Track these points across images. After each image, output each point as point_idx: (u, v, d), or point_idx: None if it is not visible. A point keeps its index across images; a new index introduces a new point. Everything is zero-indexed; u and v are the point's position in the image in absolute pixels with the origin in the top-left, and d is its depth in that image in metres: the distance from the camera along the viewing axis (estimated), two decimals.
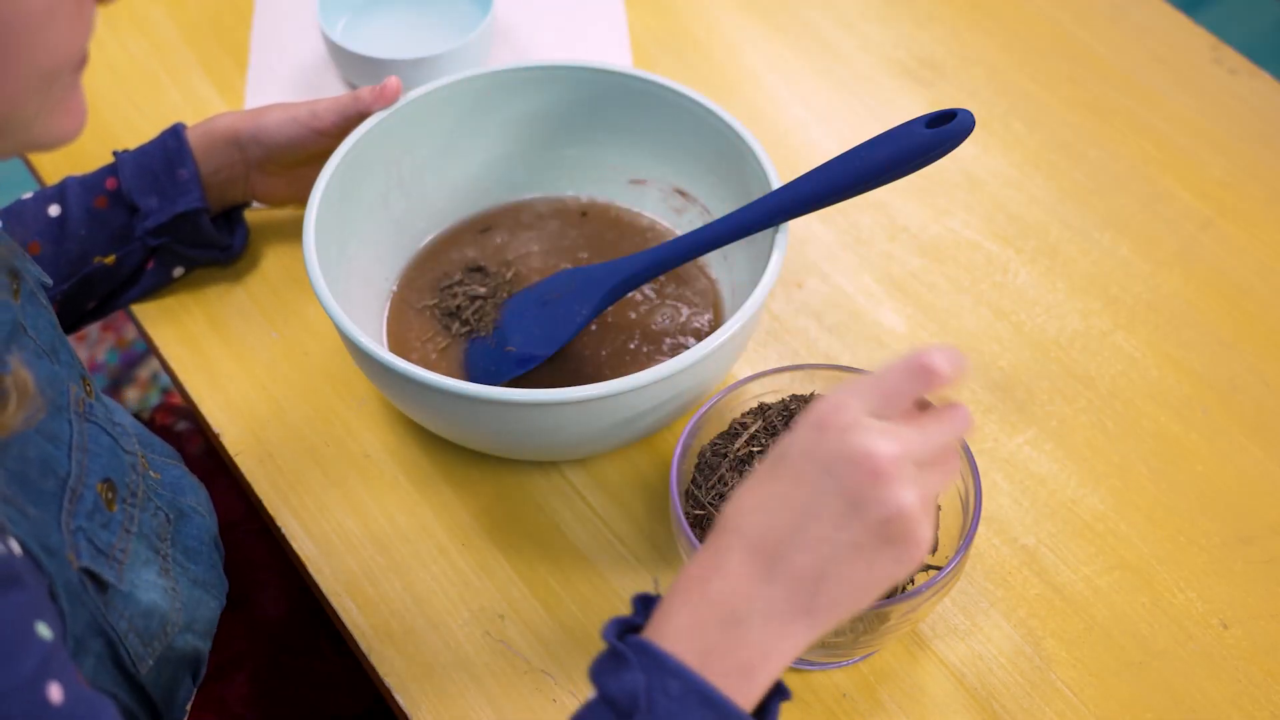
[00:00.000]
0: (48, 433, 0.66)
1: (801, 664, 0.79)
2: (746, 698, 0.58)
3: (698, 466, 0.80)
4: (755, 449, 0.79)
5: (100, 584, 0.67)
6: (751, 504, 0.59)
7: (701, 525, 0.77)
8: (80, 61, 0.57)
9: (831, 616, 0.58)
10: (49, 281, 0.76)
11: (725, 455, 0.79)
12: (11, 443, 0.60)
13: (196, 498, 0.82)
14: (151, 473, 0.77)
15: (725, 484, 0.78)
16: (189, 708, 0.80)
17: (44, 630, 0.54)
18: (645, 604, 0.62)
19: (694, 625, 0.58)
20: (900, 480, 0.57)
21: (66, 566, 0.64)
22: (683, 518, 0.75)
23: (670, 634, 0.58)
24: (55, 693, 0.53)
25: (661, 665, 0.57)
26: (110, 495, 0.70)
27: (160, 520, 0.76)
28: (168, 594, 0.73)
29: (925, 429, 0.59)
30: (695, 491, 0.78)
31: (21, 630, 0.52)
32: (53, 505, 0.64)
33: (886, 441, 0.57)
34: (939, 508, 0.79)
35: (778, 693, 0.60)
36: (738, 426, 0.80)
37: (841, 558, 0.57)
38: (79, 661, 0.66)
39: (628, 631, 0.60)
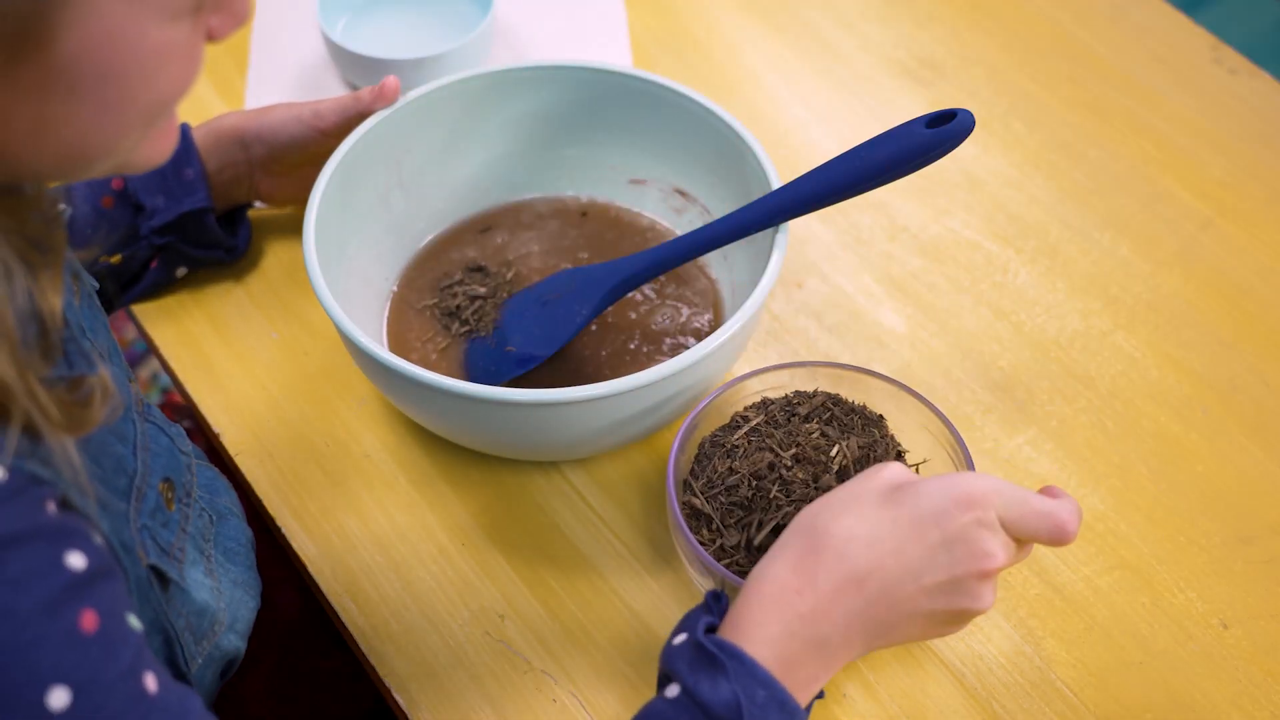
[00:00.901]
0: (118, 432, 0.67)
1: None
2: (807, 701, 0.64)
3: (696, 458, 0.80)
4: (753, 439, 0.79)
5: (164, 581, 0.68)
6: (862, 535, 0.63)
7: (697, 516, 0.77)
8: (183, 96, 0.58)
9: (879, 648, 0.66)
10: (96, 285, 0.76)
11: (723, 446, 0.79)
12: (90, 440, 0.61)
13: (230, 498, 0.82)
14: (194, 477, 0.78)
15: (718, 473, 0.78)
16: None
17: (134, 622, 0.55)
18: (718, 600, 0.66)
19: (782, 637, 0.62)
20: (993, 585, 0.64)
21: (138, 563, 0.65)
22: (678, 509, 0.75)
23: (759, 641, 0.62)
24: (151, 682, 0.54)
25: (753, 675, 0.61)
26: (170, 494, 0.71)
27: (204, 521, 0.77)
28: (214, 593, 0.74)
29: (1024, 551, 0.66)
30: (692, 482, 0.79)
31: (120, 620, 0.53)
32: (124, 503, 0.65)
33: (1004, 553, 0.63)
34: None
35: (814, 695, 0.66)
36: (739, 420, 0.80)
37: (917, 618, 0.64)
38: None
39: (708, 630, 0.64)
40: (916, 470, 0.81)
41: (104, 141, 0.54)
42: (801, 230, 1.01)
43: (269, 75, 1.11)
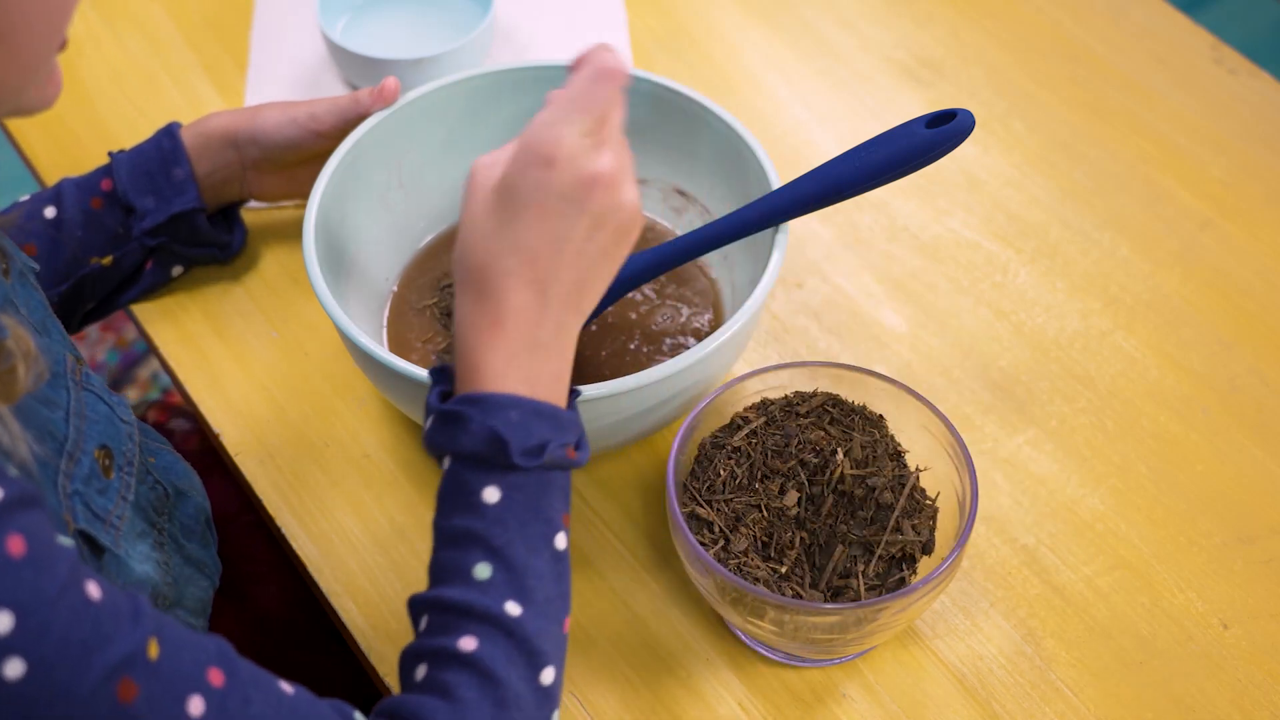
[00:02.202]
0: (44, 398, 0.67)
1: (797, 661, 0.79)
2: (563, 397, 0.68)
3: (696, 459, 0.80)
4: (753, 441, 0.79)
5: (96, 548, 0.68)
6: (505, 245, 0.66)
7: (698, 518, 0.77)
8: (60, 46, 0.61)
9: (594, 304, 0.69)
10: (36, 267, 0.77)
11: (723, 447, 0.79)
12: (15, 406, 0.61)
13: (190, 482, 0.82)
14: (148, 456, 0.78)
15: (720, 475, 0.78)
16: None
17: (65, 540, 0.55)
18: (442, 372, 0.69)
19: (506, 361, 0.66)
20: (622, 184, 0.67)
21: (64, 528, 0.65)
22: (678, 510, 0.75)
23: (489, 378, 0.65)
24: (93, 589, 0.54)
25: (497, 404, 0.64)
26: (107, 462, 0.71)
27: (159, 494, 0.77)
28: (160, 567, 0.74)
29: (612, 124, 0.67)
30: (692, 484, 0.79)
31: (48, 540, 0.54)
32: (49, 468, 0.66)
33: (606, 157, 0.66)
34: (923, 490, 0.79)
35: (572, 393, 0.70)
36: (739, 420, 0.80)
37: (595, 262, 0.67)
38: None
39: (443, 397, 0.67)
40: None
41: None
42: (801, 230, 1.01)
43: (269, 75, 1.11)
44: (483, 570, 0.64)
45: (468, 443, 0.64)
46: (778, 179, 0.85)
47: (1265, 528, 0.85)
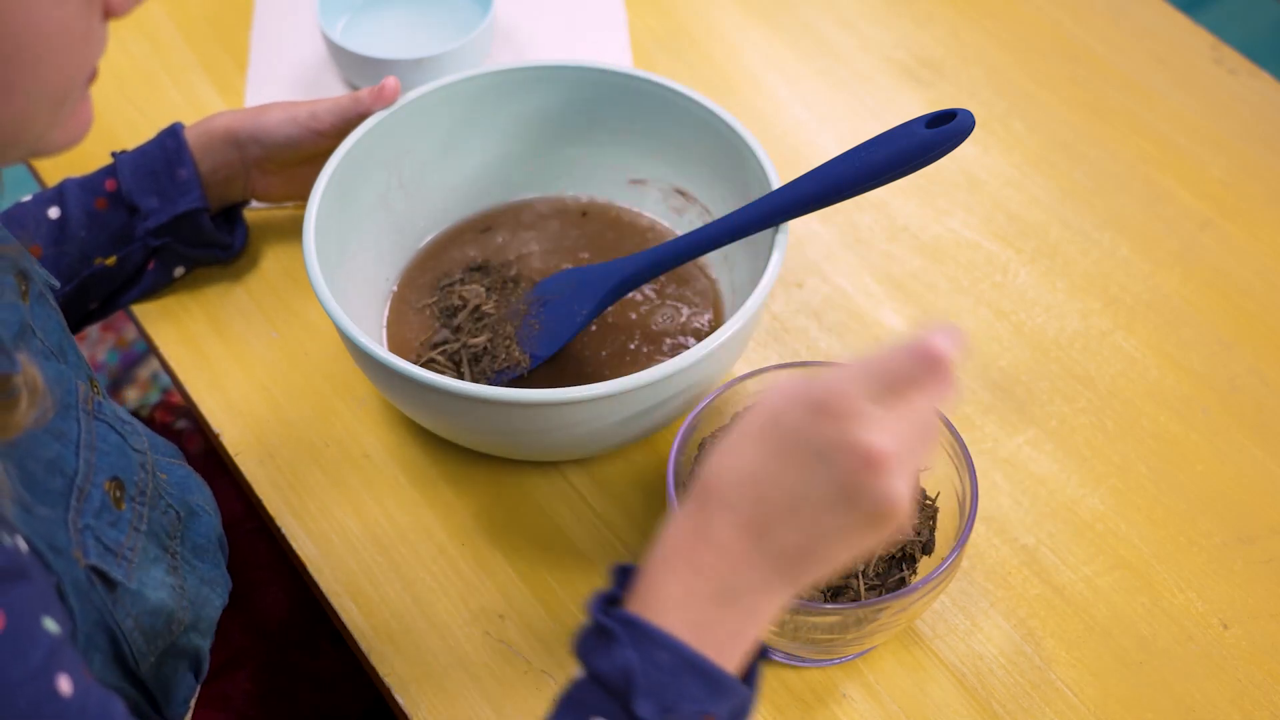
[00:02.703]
0: (55, 431, 0.66)
1: (797, 661, 0.79)
2: (735, 662, 0.59)
3: (696, 459, 0.80)
4: None
5: (109, 582, 0.67)
6: (738, 476, 0.58)
7: None
8: (90, 78, 0.58)
9: (812, 583, 0.60)
10: (56, 284, 0.76)
11: None
12: (19, 441, 0.61)
13: (203, 496, 0.81)
14: (159, 473, 0.77)
15: None
16: (193, 704, 0.80)
17: (51, 624, 0.54)
18: (624, 574, 0.61)
19: (685, 597, 0.58)
20: (892, 472, 0.56)
21: (74, 565, 0.64)
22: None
23: (660, 606, 0.58)
24: (64, 684, 0.53)
25: (651, 639, 0.57)
26: (119, 494, 0.69)
27: (171, 518, 0.76)
28: (175, 592, 0.73)
29: (915, 409, 0.58)
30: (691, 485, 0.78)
31: (29, 623, 0.53)
32: (60, 504, 0.64)
33: (884, 436, 0.56)
34: (923, 490, 0.79)
35: (760, 653, 0.61)
36: (736, 419, 0.80)
37: (829, 539, 0.58)
38: (87, 658, 0.66)
39: (610, 605, 0.60)
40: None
41: (9, 125, 0.54)
42: (801, 230, 1.01)
43: (269, 75, 1.11)
44: None
45: (603, 665, 0.57)
46: (778, 179, 0.85)
47: (1265, 528, 0.85)
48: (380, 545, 0.85)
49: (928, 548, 0.77)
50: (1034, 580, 0.83)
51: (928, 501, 0.79)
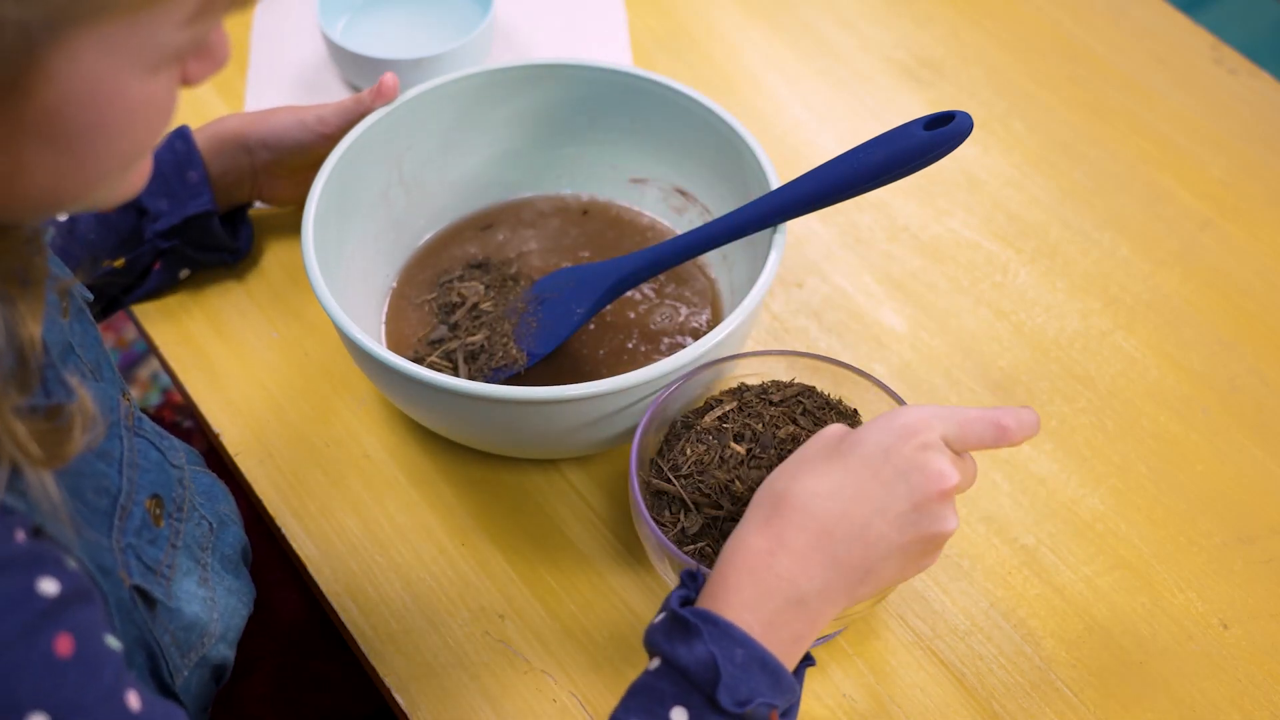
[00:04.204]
0: (100, 451, 0.66)
1: None
2: (793, 663, 0.64)
3: (665, 438, 0.80)
4: (726, 425, 0.79)
5: (149, 601, 0.67)
6: (823, 489, 0.65)
7: (661, 494, 0.77)
8: (158, 142, 0.57)
9: (865, 597, 0.66)
10: (89, 296, 0.76)
11: (693, 428, 0.79)
12: (71, 462, 0.61)
13: (229, 505, 0.81)
14: (192, 484, 0.77)
15: (686, 455, 0.78)
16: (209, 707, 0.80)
17: (114, 642, 0.55)
18: (693, 577, 0.67)
19: (759, 599, 0.63)
20: (952, 505, 0.65)
21: (119, 585, 0.64)
22: (639, 492, 0.75)
23: (736, 606, 0.63)
24: (134, 701, 0.54)
25: (729, 635, 0.62)
26: (158, 511, 0.69)
27: (204, 530, 0.76)
28: (207, 604, 0.73)
29: (982, 444, 0.66)
30: (658, 461, 0.79)
31: (97, 642, 0.53)
32: (105, 524, 0.64)
33: (955, 469, 0.65)
34: None
35: (805, 658, 0.67)
36: (712, 402, 0.81)
37: (891, 556, 0.65)
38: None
39: (684, 603, 0.65)
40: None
41: (78, 188, 0.54)
42: (801, 230, 1.01)
43: (269, 76, 1.11)
44: None
45: (685, 657, 0.62)
46: (777, 179, 0.85)
47: (1265, 528, 0.85)
48: (380, 545, 0.85)
49: None
50: (1034, 580, 0.83)
51: None
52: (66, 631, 0.51)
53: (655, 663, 0.63)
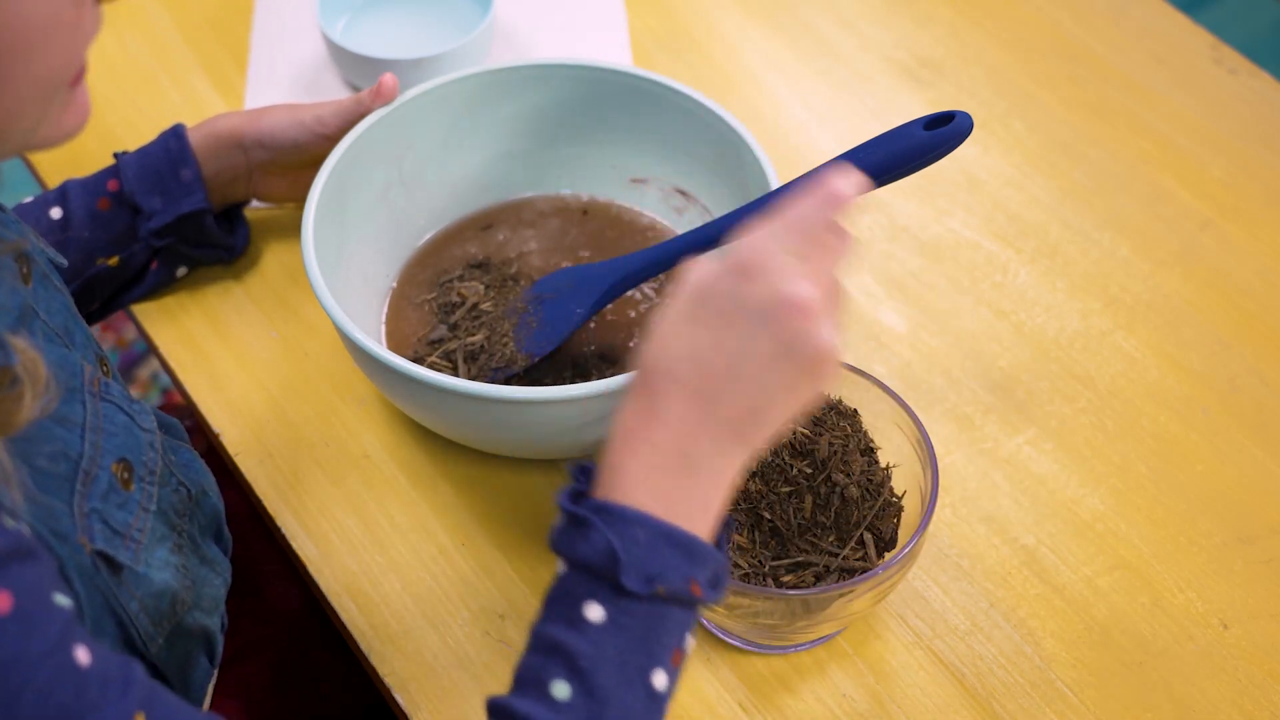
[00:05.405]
0: (58, 416, 0.65)
1: (754, 647, 0.79)
2: (706, 530, 0.61)
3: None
4: None
5: (114, 566, 0.67)
6: (680, 350, 0.61)
7: None
8: (80, 71, 0.57)
9: (764, 440, 0.62)
10: (63, 262, 0.75)
11: None
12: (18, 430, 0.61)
13: (207, 480, 0.81)
14: (170, 454, 0.77)
15: None
16: (211, 688, 0.80)
17: (62, 599, 0.54)
18: (584, 472, 0.63)
19: (648, 473, 0.60)
20: (821, 319, 0.60)
21: (79, 550, 0.64)
22: None
23: (625, 487, 0.60)
24: (83, 655, 0.53)
25: (624, 518, 0.59)
26: (127, 475, 0.69)
27: (182, 496, 0.75)
28: (179, 572, 0.73)
29: (822, 242, 0.61)
30: None
31: (40, 599, 0.53)
32: (64, 489, 0.64)
33: (810, 284, 0.60)
34: (891, 489, 0.80)
35: (726, 524, 0.64)
36: None
37: (773, 393, 0.61)
38: (97, 642, 0.66)
39: (577, 498, 0.62)
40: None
41: None
42: None
43: (269, 75, 1.11)
44: (561, 689, 0.59)
45: (584, 552, 0.59)
46: (777, 179, 0.85)
47: (1265, 528, 0.85)
48: (380, 545, 0.85)
49: (890, 544, 0.78)
50: (1034, 580, 0.83)
51: (894, 499, 0.79)
52: (4, 589, 0.51)
53: (561, 565, 0.61)
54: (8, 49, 0.51)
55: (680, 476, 0.61)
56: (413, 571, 0.83)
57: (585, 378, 0.88)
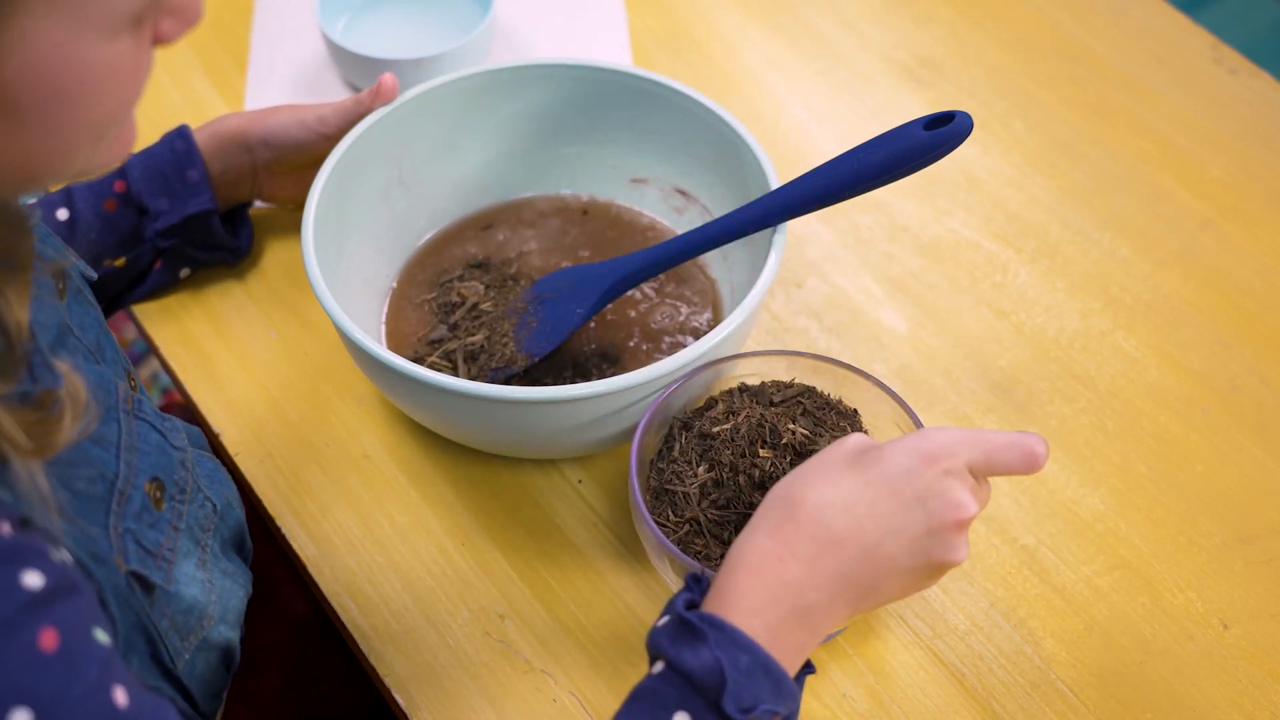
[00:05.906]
0: (95, 436, 0.65)
1: None
2: (794, 670, 0.64)
3: (665, 438, 0.80)
4: (720, 427, 0.79)
5: (147, 586, 0.66)
6: (837, 501, 0.64)
7: (661, 494, 0.78)
8: (135, 103, 0.57)
9: (864, 612, 0.66)
10: (93, 275, 0.75)
11: (693, 428, 0.79)
12: (58, 452, 0.60)
13: (230, 491, 0.81)
14: (196, 467, 0.76)
15: (685, 456, 0.78)
16: (225, 696, 0.80)
17: (101, 636, 0.54)
18: (698, 581, 0.66)
19: (766, 605, 0.62)
20: (966, 535, 0.65)
21: (115, 572, 0.63)
22: (639, 492, 0.75)
23: (743, 611, 0.62)
24: (121, 696, 0.53)
25: (735, 641, 0.61)
26: (159, 494, 0.69)
27: (207, 511, 0.75)
28: (205, 586, 0.73)
29: (1000, 470, 0.66)
30: (659, 463, 0.79)
31: (83, 636, 0.53)
32: (100, 510, 0.63)
33: (974, 501, 0.64)
34: None
35: (805, 666, 0.66)
36: (712, 403, 0.81)
37: (897, 576, 0.64)
38: (125, 660, 0.66)
39: (689, 606, 0.64)
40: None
41: (51, 160, 0.53)
42: (801, 230, 1.01)
43: (269, 75, 1.11)
44: None
45: (691, 662, 0.61)
46: (777, 179, 0.85)
47: (1265, 528, 0.85)
48: (380, 545, 0.85)
49: None
50: (1034, 580, 0.83)
51: None
52: (51, 626, 0.51)
53: (659, 666, 0.62)
54: (68, 96, 0.51)
55: (795, 619, 0.63)
56: (413, 571, 0.83)
57: (585, 378, 0.88)
